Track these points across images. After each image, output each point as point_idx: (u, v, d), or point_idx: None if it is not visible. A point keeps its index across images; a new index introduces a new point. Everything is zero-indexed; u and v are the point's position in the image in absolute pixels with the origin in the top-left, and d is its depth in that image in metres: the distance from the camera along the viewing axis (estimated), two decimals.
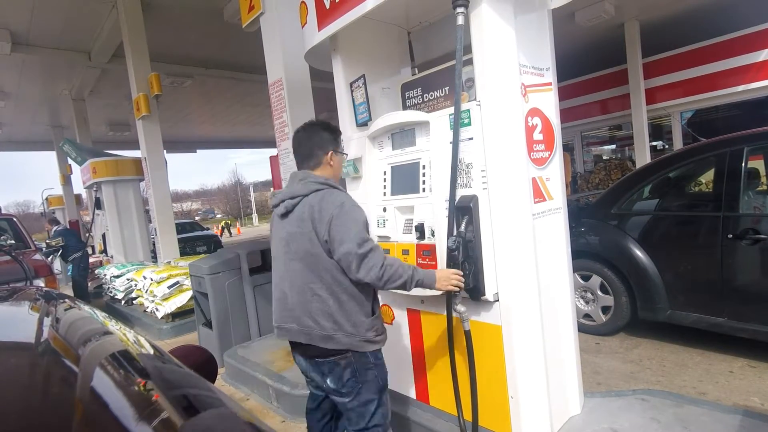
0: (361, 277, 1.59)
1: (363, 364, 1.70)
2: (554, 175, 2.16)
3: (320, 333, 1.65)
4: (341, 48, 2.46)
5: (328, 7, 2.27)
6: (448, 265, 1.87)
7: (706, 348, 3.20)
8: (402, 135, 2.22)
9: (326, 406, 1.90)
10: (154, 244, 7.63)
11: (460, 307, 1.86)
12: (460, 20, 1.78)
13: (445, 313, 1.97)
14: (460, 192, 1.93)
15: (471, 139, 1.89)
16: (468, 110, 1.87)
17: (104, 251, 8.38)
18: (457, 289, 1.79)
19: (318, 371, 1.73)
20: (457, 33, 1.78)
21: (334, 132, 1.88)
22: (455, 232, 1.87)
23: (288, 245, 1.71)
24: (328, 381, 1.71)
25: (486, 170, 1.86)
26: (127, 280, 6.18)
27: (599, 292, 3.59)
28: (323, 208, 1.63)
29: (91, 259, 8.70)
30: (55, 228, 7.55)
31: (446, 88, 2.20)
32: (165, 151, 7.06)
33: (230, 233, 29.06)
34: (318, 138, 1.83)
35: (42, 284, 4.62)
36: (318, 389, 1.85)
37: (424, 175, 2.10)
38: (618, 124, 10.64)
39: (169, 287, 5.18)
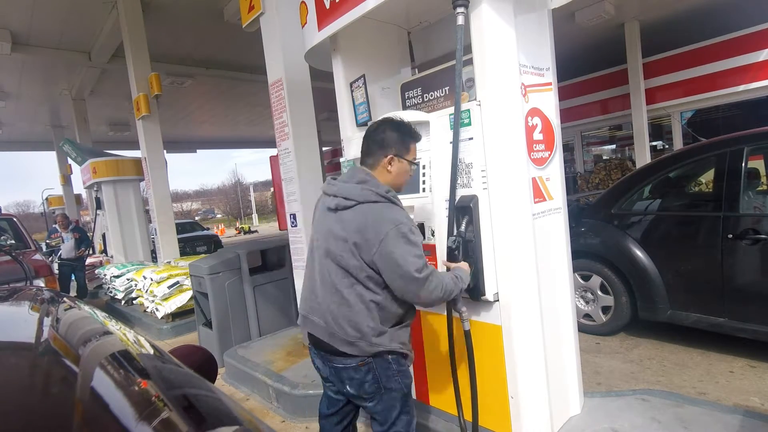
0: (425, 300, 1.55)
1: (385, 371, 1.61)
2: (554, 175, 2.16)
3: (343, 337, 1.58)
4: (341, 48, 2.46)
5: (328, 7, 2.27)
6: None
7: (706, 348, 3.20)
8: None
9: (346, 410, 1.82)
10: (154, 244, 7.62)
11: (461, 306, 1.85)
12: (460, 20, 1.78)
13: (445, 313, 1.97)
14: (460, 192, 1.93)
15: (471, 139, 1.89)
16: (468, 110, 1.87)
17: (104, 251, 8.38)
18: None
19: (338, 378, 1.66)
20: (456, 33, 1.78)
21: (405, 135, 1.67)
22: (455, 232, 1.86)
23: (327, 241, 1.62)
24: (348, 388, 1.65)
25: (486, 170, 1.86)
26: (127, 280, 6.18)
27: (599, 292, 3.59)
28: (378, 226, 1.51)
29: (92, 259, 8.70)
30: (71, 227, 7.49)
31: (446, 88, 2.20)
32: (165, 151, 7.06)
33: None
34: (382, 135, 1.65)
35: (42, 284, 4.62)
36: (338, 394, 1.77)
37: (424, 175, 2.10)
38: (618, 124, 10.64)
39: (169, 287, 5.18)
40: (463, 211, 1.87)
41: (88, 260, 8.32)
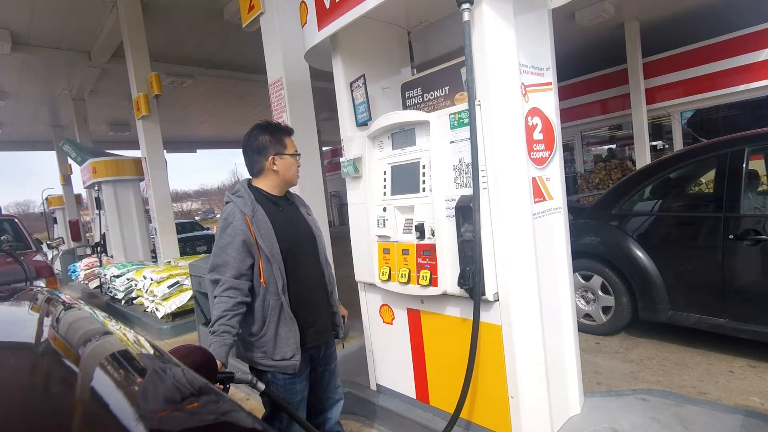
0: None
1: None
2: (554, 174, 2.16)
3: None
4: (341, 48, 2.46)
5: (328, 6, 2.27)
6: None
7: (707, 348, 3.20)
8: (402, 135, 2.22)
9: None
10: (154, 244, 7.62)
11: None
12: (466, 16, 1.78)
13: (445, 313, 1.97)
14: (460, 192, 1.94)
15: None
16: (467, 110, 1.87)
17: (104, 251, 8.37)
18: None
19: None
20: (464, 29, 1.78)
21: (276, 132, 1.76)
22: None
23: None
24: None
25: (486, 170, 1.85)
26: (127, 280, 6.18)
27: (600, 292, 3.59)
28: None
29: (90, 259, 8.71)
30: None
31: (446, 88, 2.19)
32: (165, 151, 7.06)
33: None
34: (256, 143, 1.74)
35: (42, 284, 4.62)
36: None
37: (424, 174, 2.10)
38: (618, 124, 10.64)
39: (169, 287, 5.18)
40: (463, 210, 1.87)
41: (87, 260, 8.34)
